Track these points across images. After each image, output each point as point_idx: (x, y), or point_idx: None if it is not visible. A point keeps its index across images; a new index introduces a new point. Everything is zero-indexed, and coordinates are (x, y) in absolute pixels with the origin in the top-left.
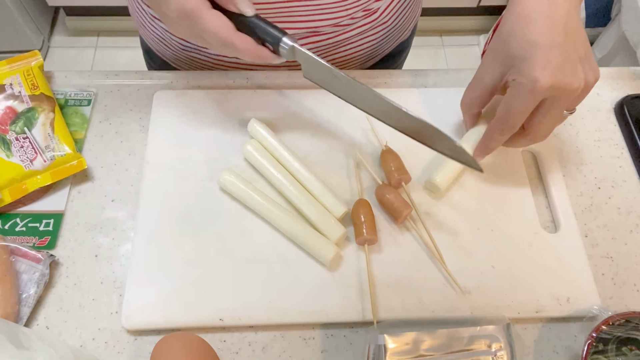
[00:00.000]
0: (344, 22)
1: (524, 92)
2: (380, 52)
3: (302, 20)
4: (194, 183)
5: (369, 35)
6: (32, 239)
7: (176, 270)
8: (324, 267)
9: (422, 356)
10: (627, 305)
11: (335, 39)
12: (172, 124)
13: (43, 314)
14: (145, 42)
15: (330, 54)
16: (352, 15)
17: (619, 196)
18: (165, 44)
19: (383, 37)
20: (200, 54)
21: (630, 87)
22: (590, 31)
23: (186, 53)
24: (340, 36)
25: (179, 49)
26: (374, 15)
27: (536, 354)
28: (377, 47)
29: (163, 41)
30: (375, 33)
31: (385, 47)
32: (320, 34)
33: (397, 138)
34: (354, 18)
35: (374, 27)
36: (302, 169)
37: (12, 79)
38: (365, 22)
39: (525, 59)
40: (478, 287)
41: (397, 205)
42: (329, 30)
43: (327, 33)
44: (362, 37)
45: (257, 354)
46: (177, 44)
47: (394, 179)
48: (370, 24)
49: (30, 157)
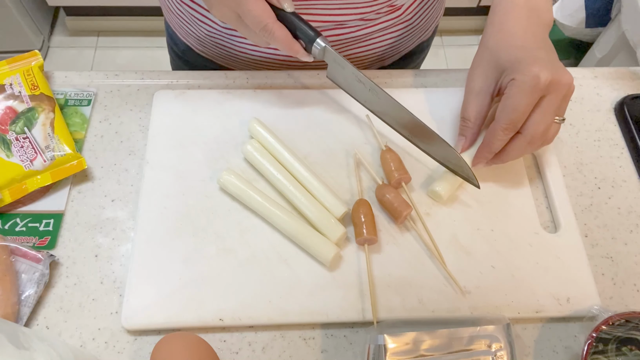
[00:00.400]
0: (369, 16)
1: (527, 87)
2: (401, 50)
3: (329, 14)
4: (194, 183)
5: (390, 31)
6: (32, 239)
7: (176, 270)
8: (324, 267)
9: (422, 356)
10: (627, 305)
11: (357, 32)
12: (172, 124)
13: (43, 314)
14: (170, 26)
15: (352, 48)
16: (378, 10)
17: (619, 196)
18: (191, 28)
19: (405, 34)
20: (225, 40)
21: (630, 87)
22: (590, 31)
23: (211, 39)
24: (362, 30)
25: (204, 34)
26: (398, 11)
27: (536, 354)
28: (398, 44)
29: (188, 25)
30: (397, 30)
31: (406, 45)
32: (344, 27)
33: (396, 138)
34: (379, 13)
35: (397, 24)
36: (302, 169)
37: (12, 79)
38: (388, 18)
39: (518, 60)
40: (478, 287)
41: (397, 205)
42: (353, 24)
43: (350, 27)
44: (384, 32)
45: (257, 354)
46: (203, 29)
47: (394, 179)
48: (393, 20)
49: (30, 157)
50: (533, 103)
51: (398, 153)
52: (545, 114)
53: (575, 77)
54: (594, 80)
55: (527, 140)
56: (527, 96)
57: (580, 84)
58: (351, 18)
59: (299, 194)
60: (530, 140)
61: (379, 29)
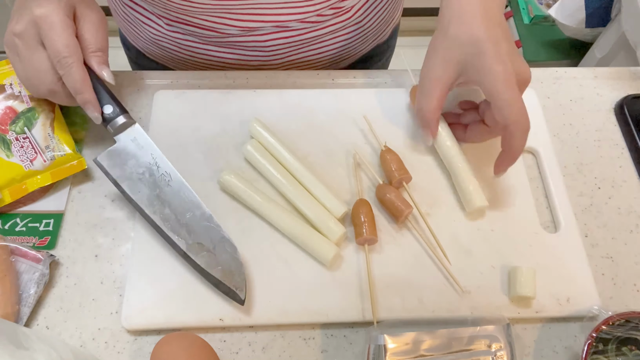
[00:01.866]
0: (311, 18)
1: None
2: (355, 53)
3: (269, 14)
4: (194, 183)
5: (341, 34)
6: (32, 239)
7: (176, 270)
8: (324, 267)
9: (422, 356)
10: (627, 305)
11: (304, 36)
12: (172, 124)
13: (43, 314)
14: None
15: (300, 52)
16: (320, 12)
17: (619, 196)
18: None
19: (357, 37)
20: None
21: (630, 87)
22: (590, 31)
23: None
24: (310, 34)
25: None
26: (347, 14)
27: (536, 354)
28: (351, 47)
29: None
30: (348, 33)
31: (360, 48)
32: (288, 29)
33: (396, 138)
34: (323, 15)
35: (347, 27)
36: (302, 169)
37: (12, 79)
38: (337, 21)
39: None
40: (478, 287)
41: (399, 204)
42: (296, 27)
43: (295, 29)
44: (333, 35)
45: (257, 354)
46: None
47: (395, 178)
48: (343, 23)
49: (30, 157)
50: (520, 94)
51: (398, 152)
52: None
53: (575, 77)
54: (594, 80)
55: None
56: (510, 91)
57: (580, 84)
58: (292, 19)
59: (298, 194)
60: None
61: (327, 32)
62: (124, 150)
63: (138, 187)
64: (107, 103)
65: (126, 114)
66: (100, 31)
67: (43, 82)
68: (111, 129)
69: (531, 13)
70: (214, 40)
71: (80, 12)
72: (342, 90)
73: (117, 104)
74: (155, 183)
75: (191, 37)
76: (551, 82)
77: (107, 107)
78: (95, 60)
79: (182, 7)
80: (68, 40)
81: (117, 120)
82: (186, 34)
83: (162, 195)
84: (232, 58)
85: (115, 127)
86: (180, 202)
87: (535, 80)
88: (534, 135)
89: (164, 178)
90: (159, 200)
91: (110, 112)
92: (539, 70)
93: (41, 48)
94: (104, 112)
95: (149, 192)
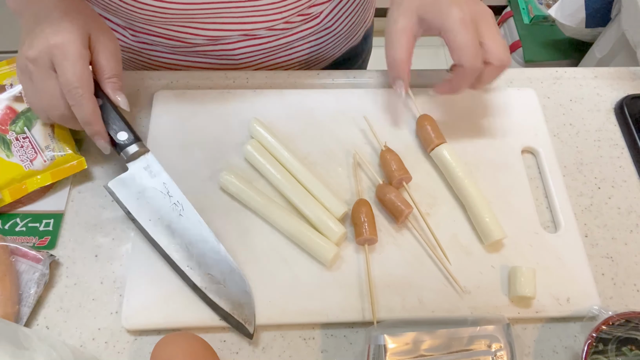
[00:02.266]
0: (278, 25)
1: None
2: (327, 57)
3: (235, 22)
4: (194, 183)
5: (311, 40)
6: (32, 239)
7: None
8: (324, 267)
9: (422, 356)
10: (627, 305)
11: (273, 43)
12: (172, 124)
13: (43, 314)
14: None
15: (270, 59)
16: (288, 19)
17: (619, 196)
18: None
19: (328, 42)
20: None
21: (630, 87)
22: (590, 31)
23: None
24: (278, 40)
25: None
26: (316, 20)
27: (536, 354)
28: (323, 52)
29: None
30: (319, 38)
31: (331, 52)
32: (256, 37)
33: (396, 138)
34: (291, 22)
35: (317, 32)
36: (302, 169)
37: (12, 79)
38: (306, 27)
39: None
40: (478, 287)
41: (399, 204)
42: (265, 34)
43: (263, 37)
44: (304, 41)
45: (257, 354)
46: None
47: (395, 178)
48: (312, 29)
49: (30, 157)
50: (475, 36)
51: (398, 152)
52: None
53: (575, 77)
54: (594, 80)
55: (498, 65)
56: (465, 33)
57: (580, 84)
58: (260, 27)
59: (298, 193)
60: (501, 64)
61: (297, 38)
62: (136, 178)
63: (149, 215)
64: (122, 130)
65: (139, 142)
66: (115, 57)
67: (55, 107)
68: (124, 156)
69: (531, 13)
70: (181, 50)
71: (95, 38)
72: (342, 91)
73: (132, 131)
74: (167, 212)
75: (157, 47)
76: (551, 82)
77: (122, 134)
78: (111, 87)
79: (145, 17)
80: (81, 71)
81: (131, 148)
82: (152, 44)
83: (173, 225)
84: (201, 67)
85: (129, 155)
86: (191, 233)
87: (535, 80)
88: (534, 136)
89: (176, 208)
90: (170, 230)
91: (124, 139)
92: (539, 70)
93: (54, 75)
94: (119, 139)
95: (160, 222)
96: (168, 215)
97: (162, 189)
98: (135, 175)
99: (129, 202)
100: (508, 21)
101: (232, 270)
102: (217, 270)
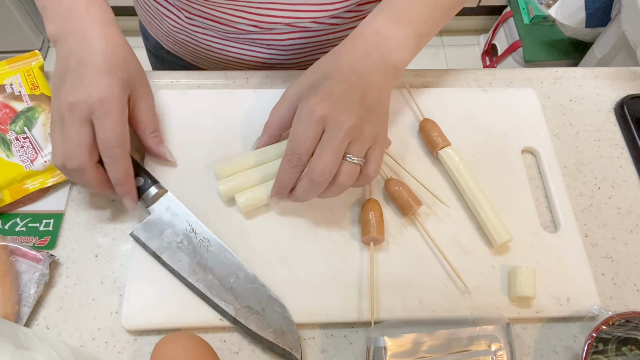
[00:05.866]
0: (325, 20)
1: (303, 116)
2: None
3: (281, 9)
4: (194, 183)
5: None
6: (32, 239)
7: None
8: (324, 267)
9: (422, 357)
10: (627, 305)
11: (321, 37)
12: (172, 124)
13: (43, 314)
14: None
15: (318, 54)
16: (336, 14)
17: (619, 196)
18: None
19: None
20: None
21: (630, 87)
22: (590, 31)
23: (176, 34)
24: (327, 36)
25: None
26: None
27: (536, 354)
28: None
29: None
30: None
31: None
32: (305, 30)
33: (396, 138)
34: (339, 18)
35: None
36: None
37: (12, 79)
38: (355, 25)
39: (314, 86)
40: (478, 287)
41: (410, 198)
42: (313, 27)
43: (312, 30)
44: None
45: (257, 354)
46: (168, 24)
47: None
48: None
49: (31, 157)
50: (313, 135)
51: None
52: (324, 150)
53: (575, 77)
54: (594, 80)
55: (309, 178)
56: (303, 126)
57: (580, 84)
58: (305, 17)
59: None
60: (312, 177)
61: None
62: (159, 221)
63: (178, 256)
64: (138, 175)
65: (157, 184)
66: (153, 109)
67: (77, 157)
68: (144, 201)
69: (531, 13)
70: (232, 37)
71: (136, 92)
72: None
73: (148, 176)
74: (194, 250)
75: (210, 31)
76: (551, 82)
77: (139, 179)
78: (154, 142)
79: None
80: (122, 131)
81: (150, 192)
82: (205, 28)
83: (203, 262)
84: (249, 55)
85: (148, 199)
86: (222, 267)
87: (535, 80)
88: (534, 135)
89: (203, 244)
90: (201, 267)
91: (142, 184)
92: (539, 70)
93: (88, 125)
94: (137, 184)
95: (190, 260)
96: (197, 252)
97: (186, 227)
98: (158, 217)
99: (158, 247)
100: (508, 21)
101: (270, 298)
102: (255, 301)
